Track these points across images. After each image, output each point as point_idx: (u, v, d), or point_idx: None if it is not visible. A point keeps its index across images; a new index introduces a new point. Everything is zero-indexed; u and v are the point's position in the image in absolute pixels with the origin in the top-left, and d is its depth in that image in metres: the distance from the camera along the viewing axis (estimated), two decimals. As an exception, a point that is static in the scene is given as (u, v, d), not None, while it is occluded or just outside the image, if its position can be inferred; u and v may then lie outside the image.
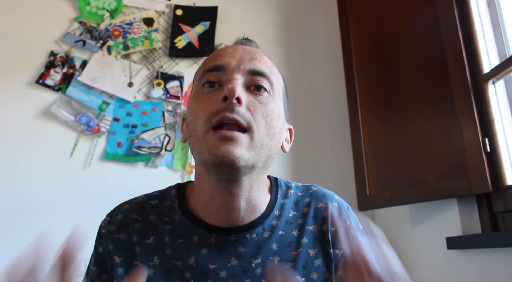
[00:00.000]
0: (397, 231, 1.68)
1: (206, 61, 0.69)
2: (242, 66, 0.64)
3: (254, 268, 0.64)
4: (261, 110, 0.62)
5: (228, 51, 0.67)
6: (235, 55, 0.66)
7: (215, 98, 0.62)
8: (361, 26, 1.74)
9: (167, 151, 1.80)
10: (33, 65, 1.79)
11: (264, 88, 0.65)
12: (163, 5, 1.98)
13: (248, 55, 0.67)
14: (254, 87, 0.64)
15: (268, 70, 0.66)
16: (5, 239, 1.58)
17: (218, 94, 0.62)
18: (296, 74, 2.02)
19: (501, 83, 1.30)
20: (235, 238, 0.66)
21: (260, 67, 0.65)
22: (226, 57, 0.66)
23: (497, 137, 1.24)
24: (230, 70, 0.64)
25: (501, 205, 1.23)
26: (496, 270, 1.18)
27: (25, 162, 1.68)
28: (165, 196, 0.73)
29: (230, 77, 0.63)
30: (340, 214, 0.71)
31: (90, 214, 1.68)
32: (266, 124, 0.62)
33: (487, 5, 1.37)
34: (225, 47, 0.70)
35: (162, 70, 1.90)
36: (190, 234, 0.67)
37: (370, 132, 1.63)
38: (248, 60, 0.66)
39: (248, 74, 0.64)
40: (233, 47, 0.69)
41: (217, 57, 0.66)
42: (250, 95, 0.63)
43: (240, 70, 0.64)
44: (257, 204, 0.67)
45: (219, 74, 0.64)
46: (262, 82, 0.65)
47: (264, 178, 0.69)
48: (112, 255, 0.67)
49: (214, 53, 0.69)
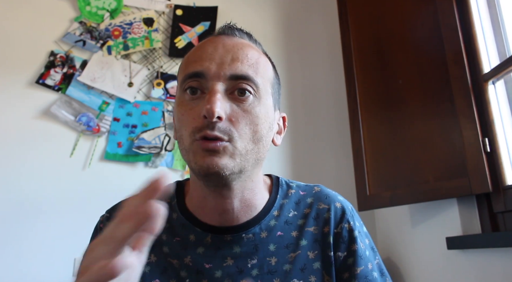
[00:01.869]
0: (397, 231, 1.68)
1: (187, 62, 0.65)
2: (223, 73, 0.61)
3: (250, 268, 0.64)
4: (245, 119, 0.61)
5: (208, 52, 0.63)
6: (215, 57, 0.62)
7: (197, 111, 0.60)
8: (361, 26, 1.74)
9: (167, 151, 1.80)
10: (33, 65, 1.79)
11: (248, 91, 0.62)
12: (163, 5, 1.98)
13: (229, 55, 0.62)
14: (238, 92, 0.61)
15: (251, 71, 0.62)
16: (5, 239, 1.58)
17: (199, 106, 0.60)
18: (296, 74, 2.02)
19: (501, 83, 1.30)
20: (230, 237, 0.65)
21: (242, 71, 0.61)
22: (205, 61, 0.62)
23: (497, 137, 1.24)
24: (210, 77, 0.61)
25: (501, 205, 1.23)
26: (496, 270, 1.18)
27: (25, 162, 1.68)
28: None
29: (210, 89, 0.60)
30: (342, 215, 0.69)
31: (90, 214, 1.68)
32: (251, 131, 0.61)
33: (487, 5, 1.37)
34: (205, 45, 0.65)
35: (162, 70, 1.90)
36: (187, 233, 0.66)
37: (370, 132, 1.63)
38: (229, 63, 0.62)
39: (230, 80, 0.61)
40: (213, 45, 0.64)
41: (197, 60, 0.63)
42: (233, 104, 0.61)
43: (221, 77, 0.61)
44: (252, 203, 0.67)
45: (199, 81, 0.61)
46: (246, 86, 0.61)
47: (258, 176, 0.68)
48: None
49: (194, 52, 0.66)
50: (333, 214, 0.69)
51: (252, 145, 0.61)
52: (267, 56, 0.70)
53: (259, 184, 0.68)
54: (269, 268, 0.64)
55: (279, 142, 0.70)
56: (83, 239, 0.72)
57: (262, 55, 0.67)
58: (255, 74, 0.63)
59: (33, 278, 1.56)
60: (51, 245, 1.60)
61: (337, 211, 0.70)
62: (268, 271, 0.64)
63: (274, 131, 0.68)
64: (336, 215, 0.69)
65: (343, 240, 0.67)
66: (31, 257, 1.58)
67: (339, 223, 0.68)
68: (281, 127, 0.72)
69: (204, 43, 0.66)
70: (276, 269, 0.64)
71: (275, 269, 0.64)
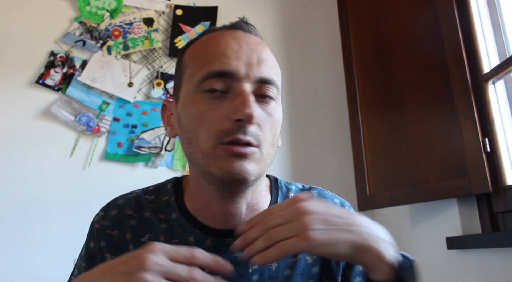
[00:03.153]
0: (397, 231, 1.68)
1: (205, 57, 0.60)
2: (252, 75, 0.58)
3: (251, 274, 0.63)
4: (269, 123, 0.60)
5: (233, 49, 0.59)
6: (241, 55, 0.59)
7: (222, 112, 0.57)
8: (361, 26, 1.74)
9: (167, 151, 1.80)
10: (33, 65, 1.79)
11: (271, 94, 0.60)
12: (163, 5, 1.98)
13: (255, 55, 0.60)
14: (261, 96, 0.59)
15: (274, 75, 0.61)
16: (5, 239, 1.58)
17: (223, 107, 0.57)
18: (296, 75, 2.02)
19: (501, 83, 1.30)
20: (232, 241, 0.63)
21: (269, 74, 0.60)
22: (233, 59, 0.58)
23: (497, 137, 1.24)
24: (240, 78, 0.58)
25: (501, 205, 1.23)
26: (496, 270, 1.18)
27: (25, 162, 1.68)
28: (162, 191, 0.70)
29: (240, 90, 0.57)
30: None
31: (90, 214, 1.68)
32: (272, 135, 0.60)
33: (487, 5, 1.37)
34: (227, 40, 0.61)
35: (162, 70, 1.90)
36: (186, 234, 0.65)
37: (370, 132, 1.63)
38: (256, 64, 0.59)
39: (257, 82, 0.59)
40: (236, 41, 0.61)
41: (221, 57, 0.59)
42: (259, 107, 0.59)
43: (250, 78, 0.58)
44: (259, 206, 0.66)
45: (225, 81, 0.58)
46: (271, 92, 0.60)
47: (263, 177, 0.67)
48: (103, 252, 0.66)
49: (214, 46, 0.61)
50: None
51: (271, 149, 0.61)
52: None
53: (263, 185, 0.68)
54: (269, 274, 0.63)
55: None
56: (83, 239, 0.72)
57: (274, 57, 0.66)
58: (277, 78, 0.62)
59: (33, 278, 1.56)
60: (51, 245, 1.60)
61: None
62: (269, 276, 0.63)
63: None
64: None
65: None
66: (31, 257, 1.58)
67: None
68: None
69: (223, 37, 0.61)
70: (276, 274, 0.63)
71: (276, 274, 0.63)
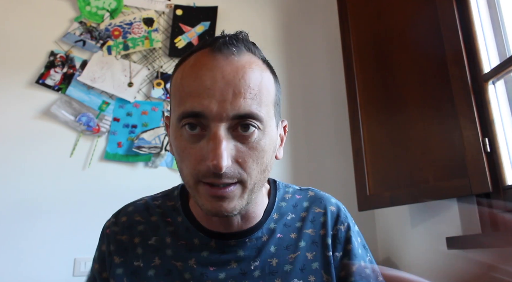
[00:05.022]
0: (397, 231, 1.68)
1: (181, 92, 0.58)
2: (225, 114, 0.55)
3: (252, 270, 0.65)
4: (251, 156, 0.57)
5: (206, 85, 0.55)
6: (215, 93, 0.55)
7: (199, 152, 0.56)
8: (361, 26, 1.74)
9: (167, 151, 1.80)
10: (33, 65, 1.79)
11: (254, 127, 0.57)
12: (163, 5, 1.98)
13: (230, 89, 0.55)
14: (241, 128, 0.56)
15: (255, 106, 0.56)
16: (5, 239, 1.58)
17: (200, 147, 0.56)
18: (296, 75, 2.02)
19: (501, 83, 1.30)
20: (234, 242, 0.67)
21: (245, 109, 0.55)
22: (204, 98, 0.55)
23: (497, 137, 1.24)
24: (212, 118, 0.55)
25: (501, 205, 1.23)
26: (496, 270, 1.18)
27: (25, 161, 1.68)
28: (169, 197, 0.75)
29: (212, 133, 0.55)
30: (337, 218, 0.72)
31: (90, 214, 1.68)
32: (258, 165, 0.58)
33: (487, 5, 1.37)
34: (202, 74, 0.57)
35: (162, 70, 1.90)
36: (191, 237, 0.68)
37: (370, 133, 1.63)
38: (231, 101, 0.55)
39: (233, 119, 0.56)
40: (211, 75, 0.56)
41: (193, 96, 0.56)
42: (238, 142, 0.57)
43: (223, 118, 0.55)
44: (256, 213, 0.69)
45: (200, 120, 0.56)
46: (250, 122, 0.56)
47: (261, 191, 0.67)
48: (112, 255, 0.69)
49: (190, 80, 0.57)
50: (329, 217, 0.72)
51: (259, 176, 0.59)
52: (267, 64, 0.63)
53: (260, 195, 0.70)
54: (270, 269, 0.66)
55: (281, 155, 0.67)
56: (83, 239, 0.73)
57: (263, 70, 0.61)
58: (259, 107, 0.57)
59: (33, 278, 1.56)
60: (51, 245, 1.60)
61: (332, 214, 0.73)
62: (270, 272, 0.66)
63: (277, 148, 0.65)
64: (332, 218, 0.72)
65: (339, 241, 0.71)
66: (31, 257, 1.58)
67: (335, 225, 0.72)
68: (282, 137, 0.69)
69: (200, 69, 0.57)
70: (277, 269, 0.66)
71: (276, 269, 0.66)
